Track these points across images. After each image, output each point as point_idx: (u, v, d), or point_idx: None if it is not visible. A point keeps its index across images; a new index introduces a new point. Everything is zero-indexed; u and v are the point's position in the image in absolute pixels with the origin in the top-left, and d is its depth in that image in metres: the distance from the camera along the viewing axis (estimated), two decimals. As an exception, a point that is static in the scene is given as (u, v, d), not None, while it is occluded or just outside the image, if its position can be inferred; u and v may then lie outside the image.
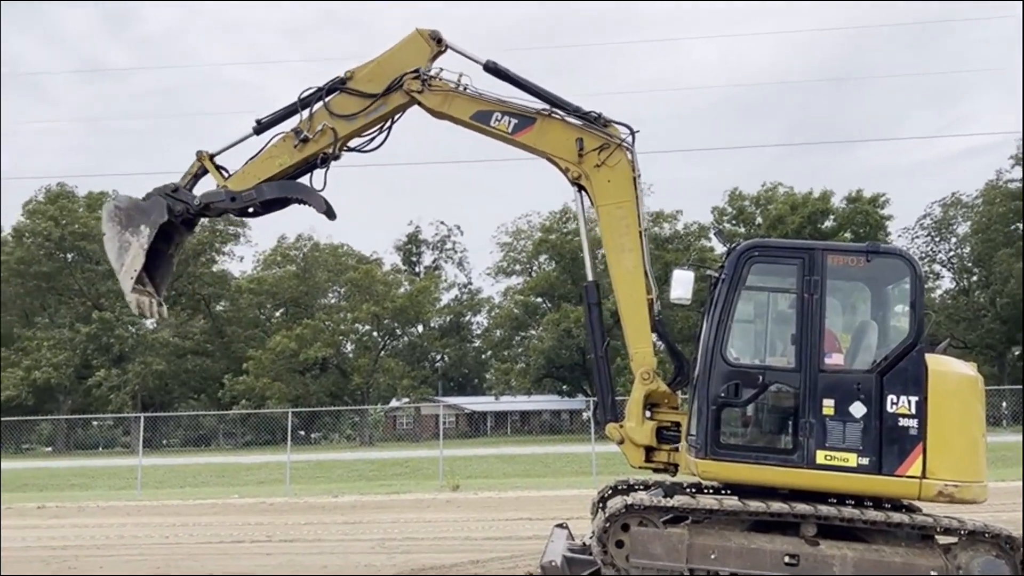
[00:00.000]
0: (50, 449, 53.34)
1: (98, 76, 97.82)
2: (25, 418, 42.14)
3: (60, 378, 51.76)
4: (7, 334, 54.08)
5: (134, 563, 10.52)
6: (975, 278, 58.14)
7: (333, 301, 61.67)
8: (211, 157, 8.88)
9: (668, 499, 7.10)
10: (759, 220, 56.64)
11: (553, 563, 7.11)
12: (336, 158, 8.73)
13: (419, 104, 8.60)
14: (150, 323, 59.42)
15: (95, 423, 52.45)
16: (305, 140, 8.55)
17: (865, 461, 6.83)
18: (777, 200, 56.80)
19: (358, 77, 8.65)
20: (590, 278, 8.50)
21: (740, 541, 6.86)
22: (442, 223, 73.21)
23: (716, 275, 7.60)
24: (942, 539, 6.95)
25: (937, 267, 59.89)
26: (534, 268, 63.22)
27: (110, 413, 49.10)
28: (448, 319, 69.29)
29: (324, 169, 8.69)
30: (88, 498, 20.92)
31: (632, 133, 8.26)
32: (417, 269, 72.39)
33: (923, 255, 58.66)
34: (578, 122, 8.32)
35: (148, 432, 37.98)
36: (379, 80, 8.58)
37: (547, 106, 8.37)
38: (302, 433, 47.40)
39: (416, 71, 8.50)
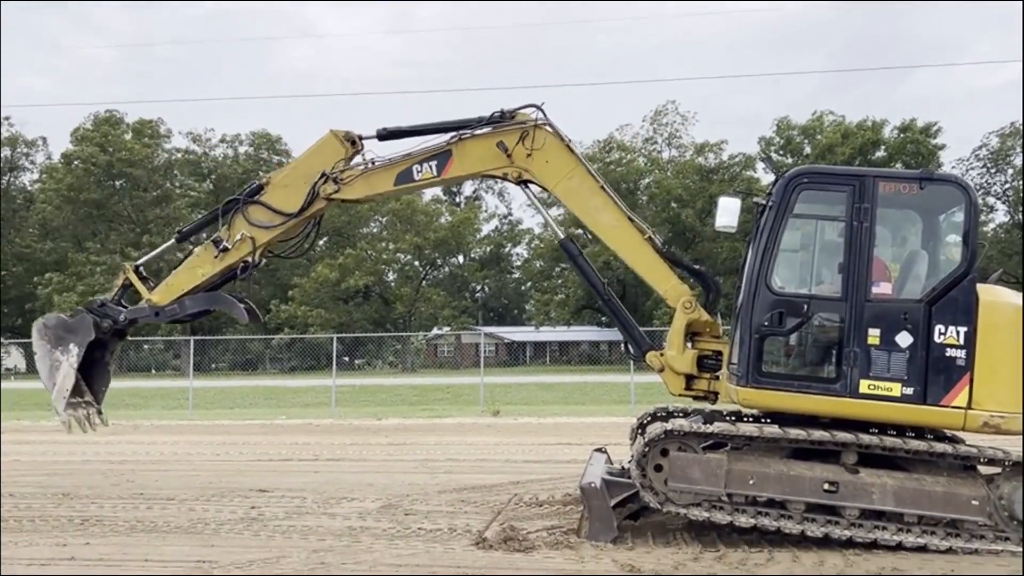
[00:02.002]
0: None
1: (143, 4, 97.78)
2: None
3: (113, 304, 53.21)
4: (61, 259, 55.57)
5: (187, 477, 10.96)
6: (1031, 211, 56.27)
7: (375, 231, 62.08)
8: (136, 269, 9.20)
9: (708, 425, 7.15)
10: (807, 150, 55.25)
11: (592, 485, 7.24)
12: (256, 266, 8.87)
13: (343, 201, 8.76)
14: (198, 250, 60.68)
15: (146, 346, 54.03)
16: (225, 250, 8.70)
17: (909, 391, 6.78)
18: (826, 130, 55.23)
19: (275, 183, 8.77)
20: (561, 236, 8.64)
21: (779, 468, 6.90)
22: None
23: (763, 203, 7.47)
24: (984, 470, 6.92)
25: (991, 200, 58.05)
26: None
27: (160, 336, 50.54)
28: (488, 250, 69.44)
29: (245, 277, 8.86)
30: (142, 417, 21.75)
31: (539, 108, 8.16)
32: (458, 200, 72.28)
33: (978, 187, 56.72)
34: (488, 129, 8.24)
35: (197, 356, 39.11)
36: (295, 186, 8.67)
37: (454, 134, 8.31)
38: (346, 359, 48.47)
39: (323, 175, 8.53)
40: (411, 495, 9.47)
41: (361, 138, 8.77)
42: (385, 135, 8.59)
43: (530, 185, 8.45)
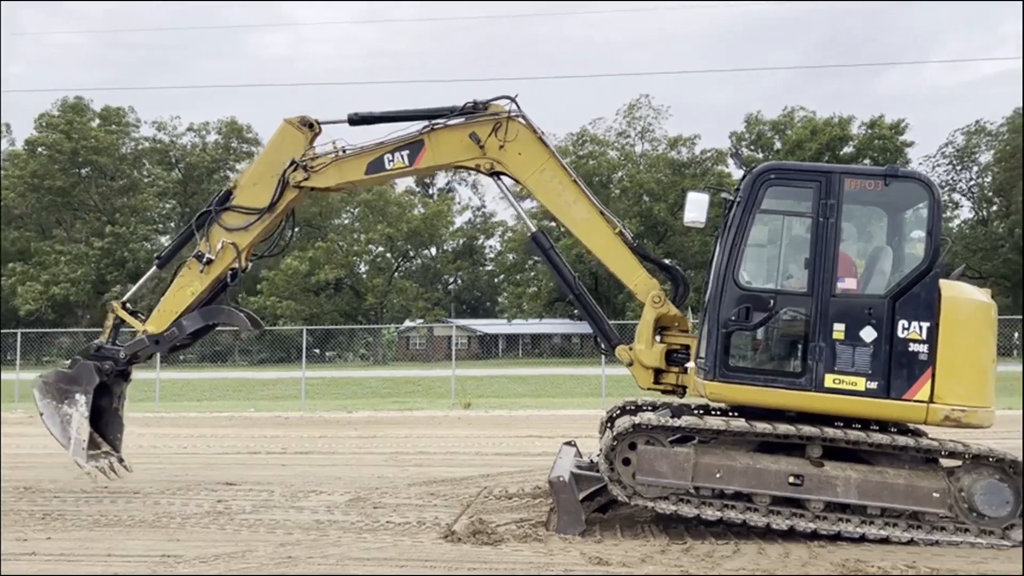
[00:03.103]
0: (69, 362, 54.41)
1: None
2: (45, 331, 42.84)
3: (78, 293, 52.43)
4: (24, 249, 54.55)
5: (153, 471, 10.82)
6: (995, 208, 57.36)
7: (347, 222, 61.69)
8: (123, 306, 9.04)
9: (675, 419, 7.19)
10: (777, 145, 55.75)
11: (561, 478, 7.26)
12: (245, 270, 8.80)
13: (313, 189, 8.62)
14: (164, 239, 59.88)
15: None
16: (209, 262, 8.61)
17: (873, 385, 6.87)
18: (796, 125, 55.76)
19: (243, 186, 8.70)
20: (533, 230, 8.55)
21: (745, 461, 6.97)
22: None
23: (731, 198, 7.52)
24: (946, 462, 7.04)
25: (957, 196, 59.07)
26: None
27: (127, 329, 49.88)
28: (461, 242, 69.30)
29: (236, 284, 8.77)
30: (108, 409, 21.41)
31: (513, 100, 8.15)
32: (431, 191, 72.02)
33: (943, 184, 57.73)
34: (461, 119, 8.21)
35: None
36: (263, 182, 8.59)
37: (426, 123, 8.26)
38: (316, 351, 48.10)
39: (292, 162, 8.46)
40: (380, 488, 9.44)
41: (319, 122, 8.67)
42: (356, 120, 8.50)
43: (502, 177, 8.43)
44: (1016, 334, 40.35)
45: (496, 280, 70.80)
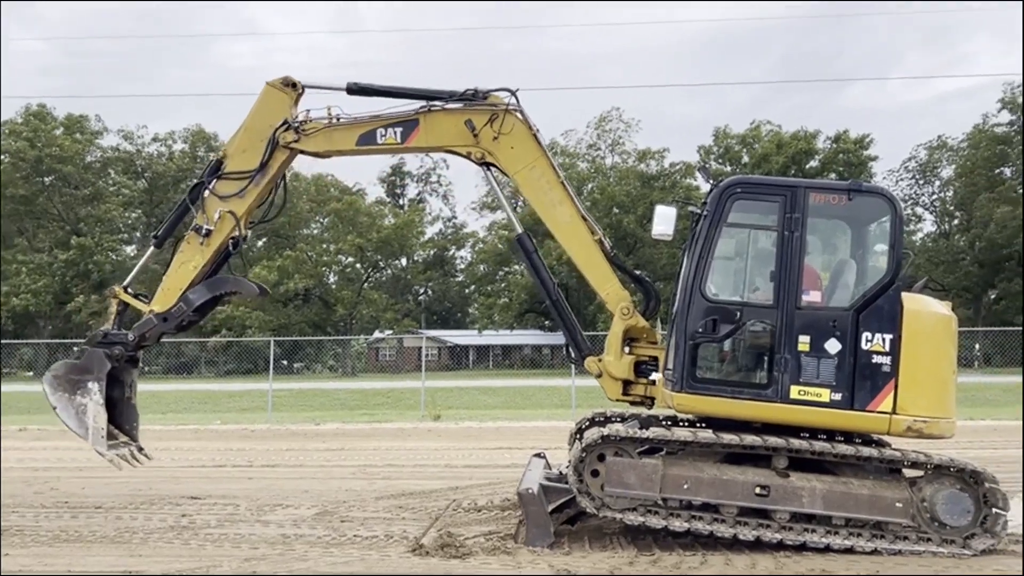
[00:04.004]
0: (31, 374, 53.33)
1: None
2: (6, 342, 41.98)
3: (39, 305, 51.47)
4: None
5: (115, 485, 10.63)
6: (956, 222, 58.55)
7: (316, 232, 61.28)
8: (125, 289, 8.84)
9: (643, 431, 7.22)
10: (745, 159, 56.44)
11: (529, 491, 7.25)
12: (245, 238, 8.75)
13: (302, 152, 8.54)
14: (130, 249, 59.10)
15: (75, 348, 52.42)
16: (208, 233, 8.49)
17: (838, 396, 6.96)
18: (763, 139, 56.53)
19: (232, 153, 8.61)
20: (519, 231, 8.52)
21: (712, 472, 7.01)
22: (427, 155, 72.36)
23: (699, 211, 7.60)
24: (909, 472, 7.14)
25: (920, 210, 60.24)
26: (519, 203, 62.83)
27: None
28: (432, 253, 69.17)
29: (238, 251, 8.69)
30: (70, 422, 21.00)
31: (513, 93, 8.19)
32: (401, 202, 71.85)
33: (906, 197, 58.90)
34: (459, 105, 8.22)
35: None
36: (252, 147, 8.51)
37: (424, 103, 8.25)
38: (284, 363, 47.68)
39: (285, 122, 8.40)
40: (348, 502, 9.36)
41: (301, 83, 8.58)
42: (355, 90, 8.42)
43: (491, 168, 8.42)
44: (977, 346, 41.13)
45: (467, 291, 70.72)
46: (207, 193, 8.58)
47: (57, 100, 59.62)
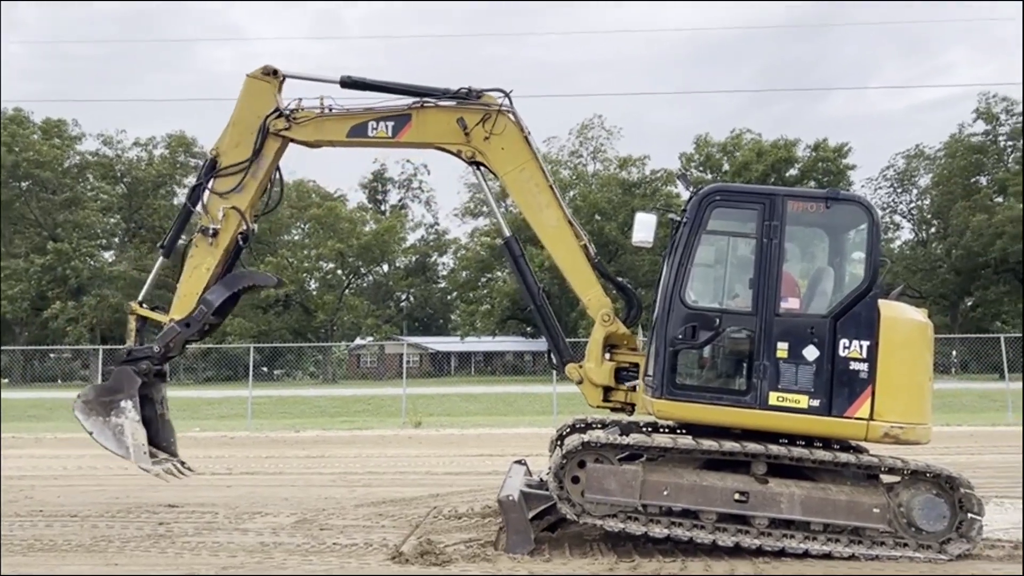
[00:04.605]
0: (7, 381, 52.66)
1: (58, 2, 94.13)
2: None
3: (16, 311, 50.86)
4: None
5: (92, 493, 10.52)
6: (933, 230, 59.20)
7: (297, 238, 60.99)
8: (140, 304, 8.76)
9: (624, 437, 7.24)
10: (726, 167, 56.81)
11: (510, 497, 7.24)
12: (253, 232, 8.72)
13: (293, 141, 8.52)
14: (108, 255, 58.55)
15: (52, 355, 51.75)
16: (215, 233, 8.45)
17: (816, 403, 7.01)
18: (743, 147, 56.93)
19: (224, 150, 8.57)
20: (507, 234, 8.52)
21: (692, 478, 7.04)
22: (408, 161, 72.23)
23: (679, 219, 7.65)
24: (886, 478, 7.20)
25: (898, 218, 60.85)
26: (506, 205, 62.90)
27: (67, 345, 48.50)
28: (414, 259, 69.00)
29: (248, 245, 8.68)
30: (45, 429, 20.75)
31: (507, 95, 8.22)
32: (383, 208, 71.65)
33: (885, 206, 59.49)
34: (452, 103, 8.25)
35: (107, 365, 37.61)
36: (244, 141, 8.49)
37: (417, 99, 8.27)
38: (264, 369, 47.38)
39: (276, 110, 8.39)
40: (327, 509, 9.30)
41: (280, 71, 8.58)
42: (349, 83, 8.41)
43: (481, 168, 8.42)
44: (953, 352, 41.58)
45: (449, 297, 70.61)
46: (207, 194, 8.53)
47: (36, 104, 58.72)
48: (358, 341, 60.28)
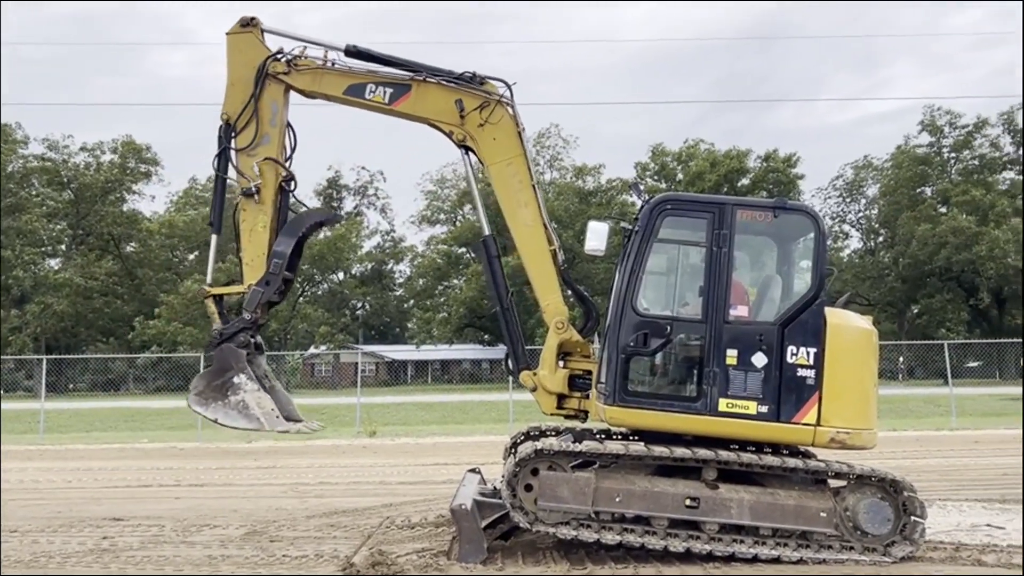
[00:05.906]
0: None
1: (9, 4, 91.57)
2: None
3: (-44, 318, 49.32)
4: None
5: (33, 507, 10.21)
6: (881, 239, 60.63)
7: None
8: (211, 287, 8.57)
9: (576, 444, 7.26)
10: (680, 176, 57.52)
11: (463, 506, 7.20)
12: (293, 177, 8.56)
13: (290, 87, 8.46)
14: (54, 263, 57.09)
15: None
16: (257, 190, 8.30)
17: (764, 409, 7.11)
18: (698, 157, 57.71)
19: (231, 110, 8.43)
20: (487, 232, 8.52)
21: (644, 485, 7.08)
22: (363, 168, 71.67)
23: (631, 227, 7.71)
24: (833, 483, 7.33)
25: (847, 227, 62.21)
26: (458, 218, 62.91)
27: (10, 355, 47.11)
28: (370, 267, 68.50)
29: (294, 189, 8.55)
30: (-14, 442, 20.14)
31: (509, 87, 8.26)
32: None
33: (834, 215, 60.80)
34: (454, 84, 8.27)
35: (52, 375, 36.60)
36: (247, 96, 8.38)
37: (421, 73, 8.28)
38: (216, 379, 46.42)
39: (278, 53, 8.34)
40: (278, 521, 9.15)
41: (258, 19, 8.50)
42: (353, 52, 8.37)
43: (470, 153, 8.39)
44: (900, 358, 42.55)
45: (406, 305, 70.21)
46: (235, 155, 8.38)
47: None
48: (312, 350, 59.57)
